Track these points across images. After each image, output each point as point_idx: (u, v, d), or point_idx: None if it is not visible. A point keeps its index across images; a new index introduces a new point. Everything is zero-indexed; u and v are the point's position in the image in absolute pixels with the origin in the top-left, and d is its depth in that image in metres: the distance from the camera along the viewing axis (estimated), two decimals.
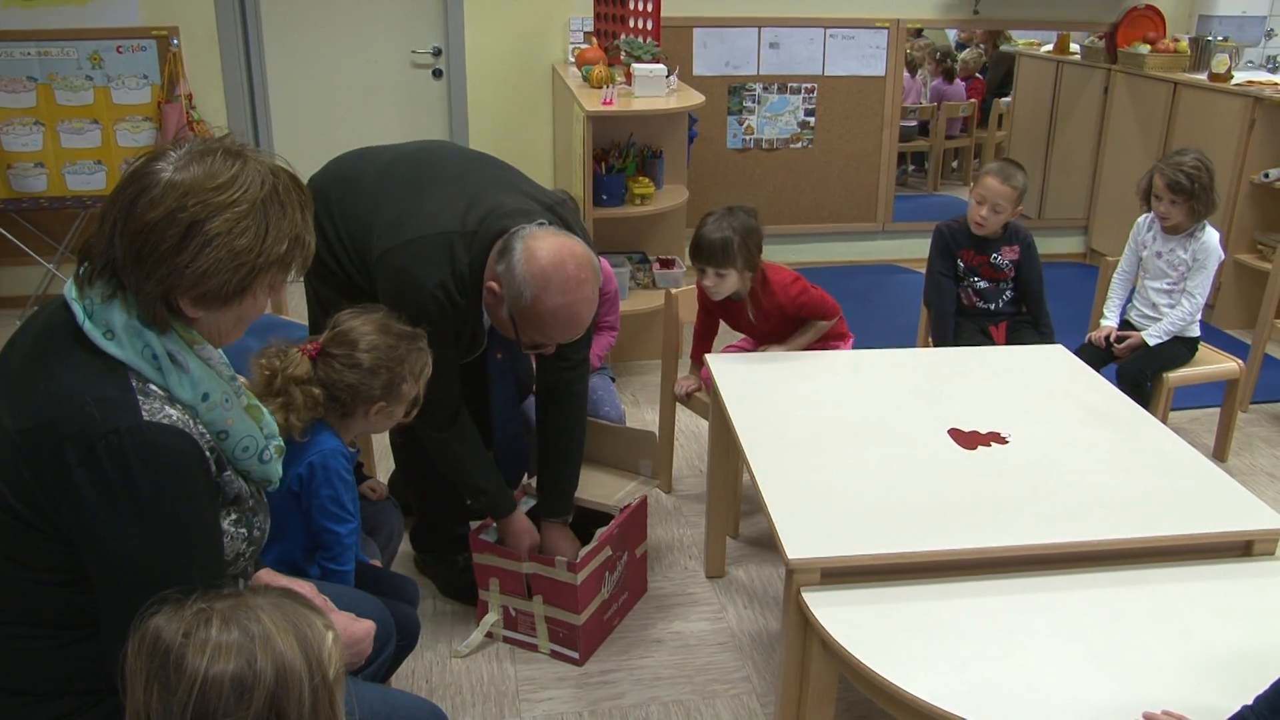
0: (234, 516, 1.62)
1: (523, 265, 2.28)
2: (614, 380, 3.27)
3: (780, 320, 3.16)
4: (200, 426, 1.52)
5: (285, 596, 1.28)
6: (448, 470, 2.62)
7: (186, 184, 1.43)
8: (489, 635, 2.74)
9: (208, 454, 1.52)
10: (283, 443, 1.77)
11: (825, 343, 3.20)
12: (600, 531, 2.65)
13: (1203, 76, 5.40)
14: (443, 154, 2.67)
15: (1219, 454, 3.88)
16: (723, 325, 3.31)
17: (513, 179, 2.61)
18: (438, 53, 5.27)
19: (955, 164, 8.18)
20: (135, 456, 1.41)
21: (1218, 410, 3.92)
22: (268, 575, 1.87)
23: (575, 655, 2.68)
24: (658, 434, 3.54)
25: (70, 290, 1.50)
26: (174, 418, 1.47)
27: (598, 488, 2.86)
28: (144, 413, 1.44)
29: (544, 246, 2.29)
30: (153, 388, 1.47)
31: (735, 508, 3.23)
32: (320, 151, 2.65)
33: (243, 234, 1.45)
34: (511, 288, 2.30)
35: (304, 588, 1.76)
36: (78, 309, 1.47)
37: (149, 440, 1.43)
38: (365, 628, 1.82)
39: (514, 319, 2.35)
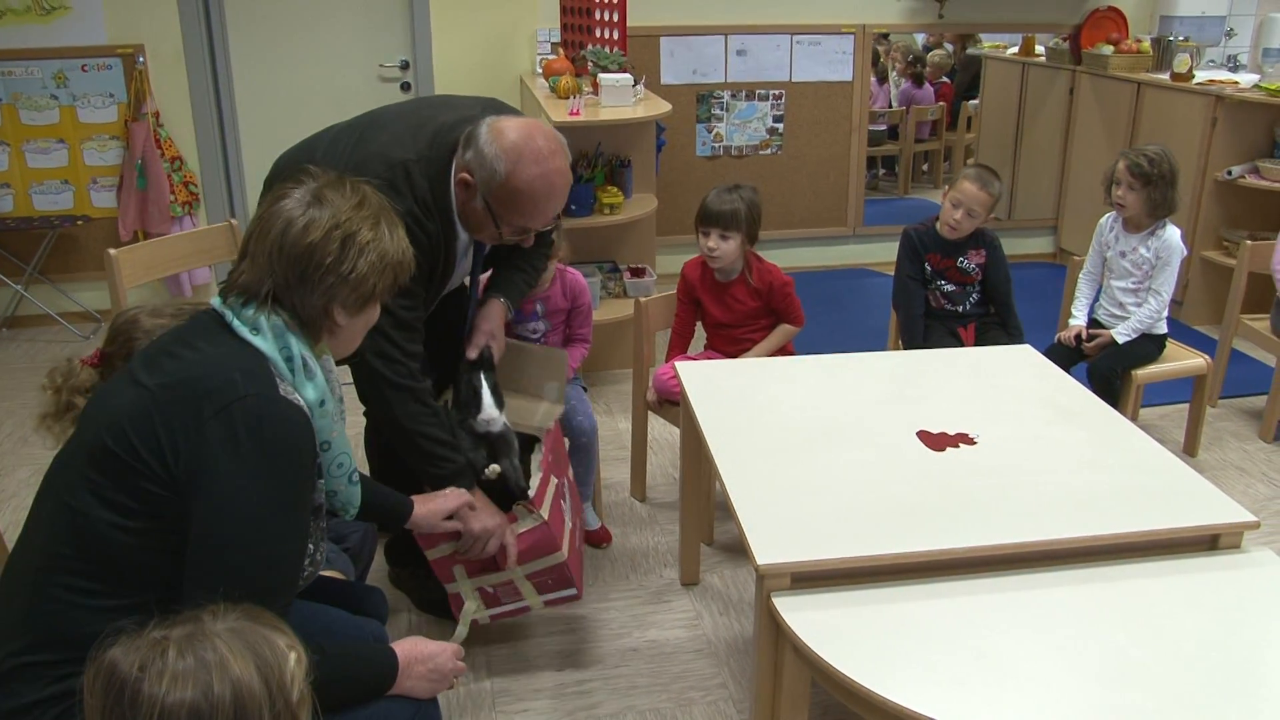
0: (312, 525, 1.73)
1: (492, 145, 2.29)
2: (585, 390, 3.27)
3: (763, 304, 3.31)
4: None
5: (247, 618, 1.28)
6: (403, 433, 2.42)
7: (332, 209, 1.67)
8: (475, 623, 2.62)
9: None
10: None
11: (774, 355, 3.29)
12: (539, 459, 2.60)
13: (1165, 76, 5.46)
14: (380, 110, 2.65)
15: (1189, 449, 3.91)
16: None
17: (449, 100, 2.63)
18: (405, 65, 5.26)
19: (925, 167, 8.23)
20: (266, 421, 1.55)
21: (1187, 406, 3.96)
22: None
23: (573, 591, 2.60)
24: (630, 442, 3.56)
25: (217, 302, 1.69)
26: (302, 402, 1.64)
27: (511, 413, 2.67)
28: (280, 389, 1.61)
29: (510, 125, 2.31)
30: (284, 380, 1.64)
31: (709, 514, 3.23)
32: None
33: (385, 240, 1.71)
34: (483, 169, 2.30)
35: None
36: (226, 311, 1.66)
37: (280, 412, 1.58)
38: (435, 647, 1.87)
39: (490, 206, 2.34)
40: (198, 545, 1.54)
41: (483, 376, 2.57)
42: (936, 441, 2.42)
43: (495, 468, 2.56)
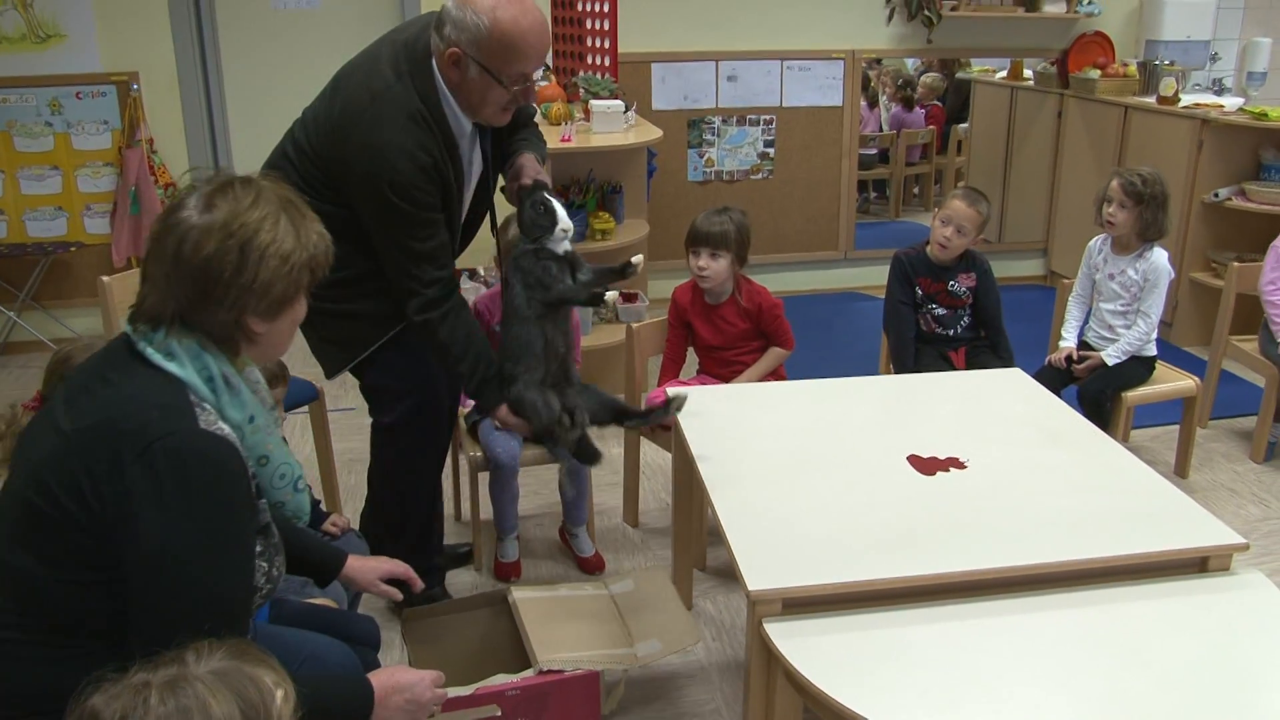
0: (259, 548, 1.68)
1: (466, 8, 2.36)
2: None
3: (753, 325, 3.33)
4: (244, 451, 1.61)
5: (232, 656, 1.27)
6: (444, 352, 2.58)
7: (223, 218, 1.57)
8: None
9: (251, 474, 1.62)
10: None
11: (764, 378, 3.30)
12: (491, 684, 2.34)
13: (1151, 100, 5.51)
14: (335, 74, 2.71)
15: (1180, 471, 3.93)
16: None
17: (387, 35, 2.65)
18: None
19: (916, 190, 8.28)
20: (189, 459, 1.50)
21: (1177, 427, 3.98)
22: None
23: None
24: (623, 467, 3.57)
25: (130, 329, 1.62)
26: (226, 431, 1.57)
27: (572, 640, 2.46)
28: (200, 421, 1.54)
29: None
30: (206, 406, 1.57)
31: (701, 540, 3.24)
32: None
33: (285, 238, 1.61)
34: (466, 31, 2.36)
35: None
36: (138, 340, 1.59)
37: (202, 447, 1.52)
38: (413, 677, 1.81)
39: (486, 66, 2.39)
40: (136, 594, 1.50)
41: (545, 193, 2.55)
42: (927, 466, 2.43)
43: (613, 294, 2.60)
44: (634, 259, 2.59)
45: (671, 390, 2.76)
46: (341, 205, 2.52)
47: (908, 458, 2.47)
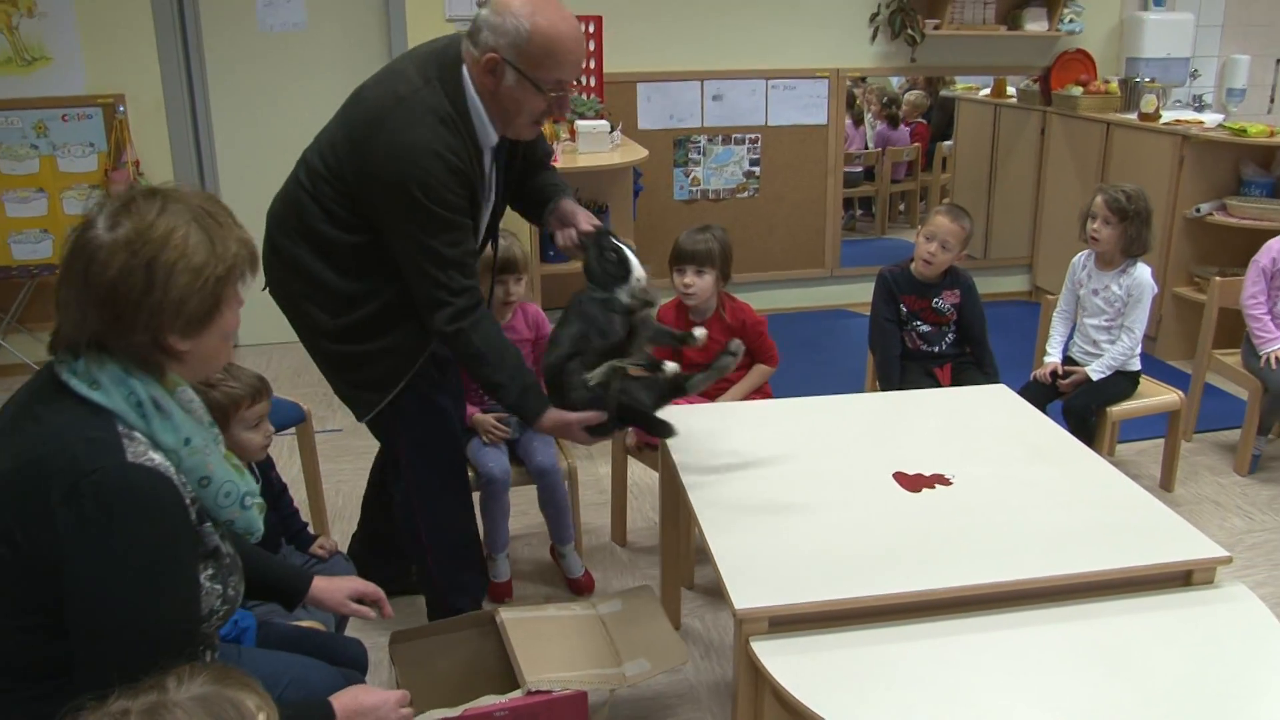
0: (210, 571, 1.64)
1: (505, 13, 2.32)
2: None
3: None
4: (182, 476, 1.56)
5: (214, 681, 1.27)
6: (472, 373, 2.54)
7: (128, 235, 1.50)
8: None
9: (189, 502, 1.57)
10: (263, 500, 1.78)
11: (750, 396, 3.30)
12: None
13: (1133, 116, 5.56)
14: (353, 94, 2.60)
15: (1165, 484, 3.95)
16: None
17: (408, 53, 2.57)
18: None
19: (902, 207, 8.32)
20: (117, 496, 1.45)
21: (1163, 441, 4.00)
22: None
23: None
24: (610, 487, 3.57)
25: (50, 357, 1.57)
26: (157, 461, 1.52)
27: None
28: (128, 454, 1.49)
29: None
30: (137, 434, 1.52)
31: (689, 558, 3.24)
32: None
33: (194, 252, 1.52)
34: (506, 35, 2.31)
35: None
36: (61, 368, 1.53)
37: (132, 481, 1.48)
38: (377, 698, 1.77)
39: (525, 72, 2.34)
40: (76, 634, 1.48)
41: (614, 239, 2.53)
42: (912, 483, 2.44)
43: (673, 366, 2.54)
44: (696, 331, 2.61)
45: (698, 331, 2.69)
46: (364, 231, 2.47)
47: (893, 474, 2.48)
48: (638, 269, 2.48)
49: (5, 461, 1.49)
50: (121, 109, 4.98)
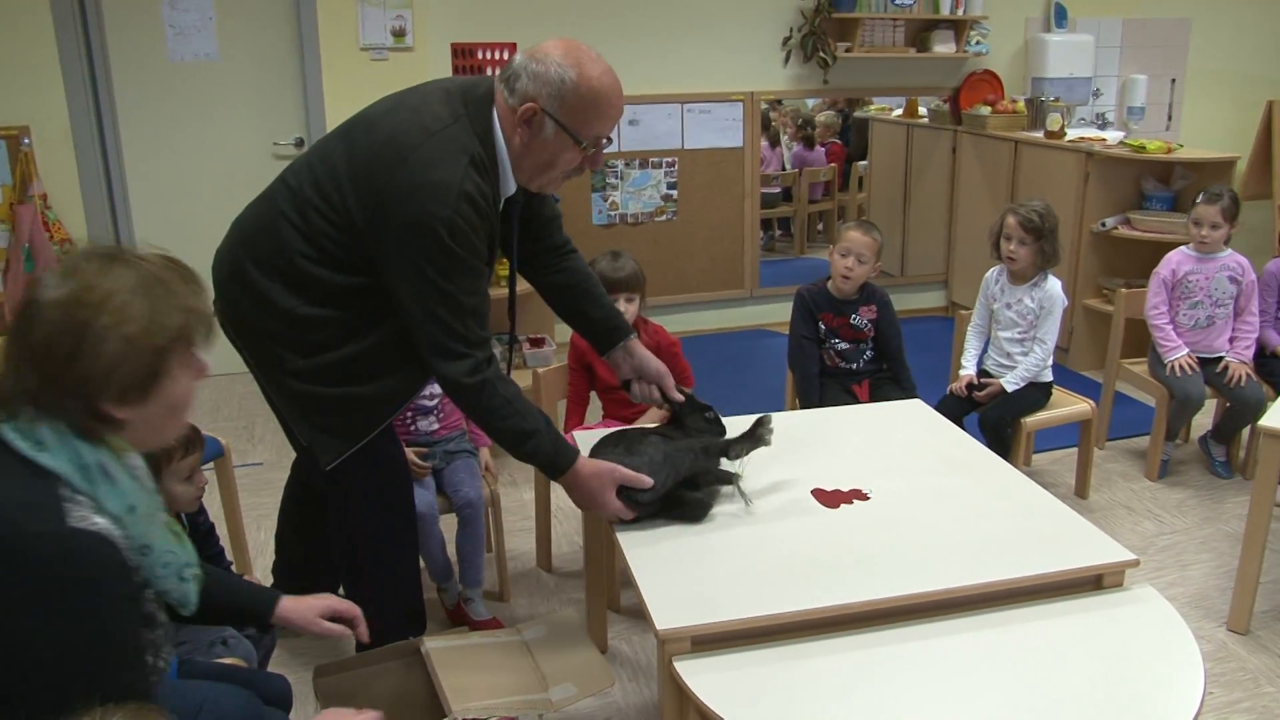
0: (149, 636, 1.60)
1: (547, 61, 2.22)
2: (474, 454, 3.27)
3: None
4: (126, 541, 1.52)
5: (131, 717, 1.24)
6: (496, 426, 2.33)
7: (65, 296, 1.47)
8: None
9: (131, 566, 1.53)
10: (200, 572, 1.74)
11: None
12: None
13: (1040, 135, 5.71)
14: (360, 115, 2.45)
15: (1080, 492, 4.04)
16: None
17: (419, 88, 2.43)
18: (300, 143, 5.26)
19: (820, 227, 8.44)
20: (59, 562, 1.41)
21: (1076, 450, 4.09)
22: None
23: None
24: (535, 512, 3.56)
25: None
26: (100, 525, 1.47)
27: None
28: (71, 519, 1.44)
29: (547, 44, 2.25)
30: (80, 497, 1.47)
31: (614, 582, 3.24)
32: (184, 246, 2.54)
33: (130, 320, 1.48)
34: (549, 85, 2.20)
35: None
36: (4, 426, 1.48)
37: (74, 546, 1.43)
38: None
39: (564, 124, 2.23)
40: (24, 704, 1.42)
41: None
42: (830, 499, 2.47)
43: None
44: (768, 426, 2.53)
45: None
46: (360, 273, 2.31)
47: (812, 491, 2.51)
48: (724, 427, 2.60)
49: None
50: (27, 141, 4.87)
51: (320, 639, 2.18)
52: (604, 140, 2.33)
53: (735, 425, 2.62)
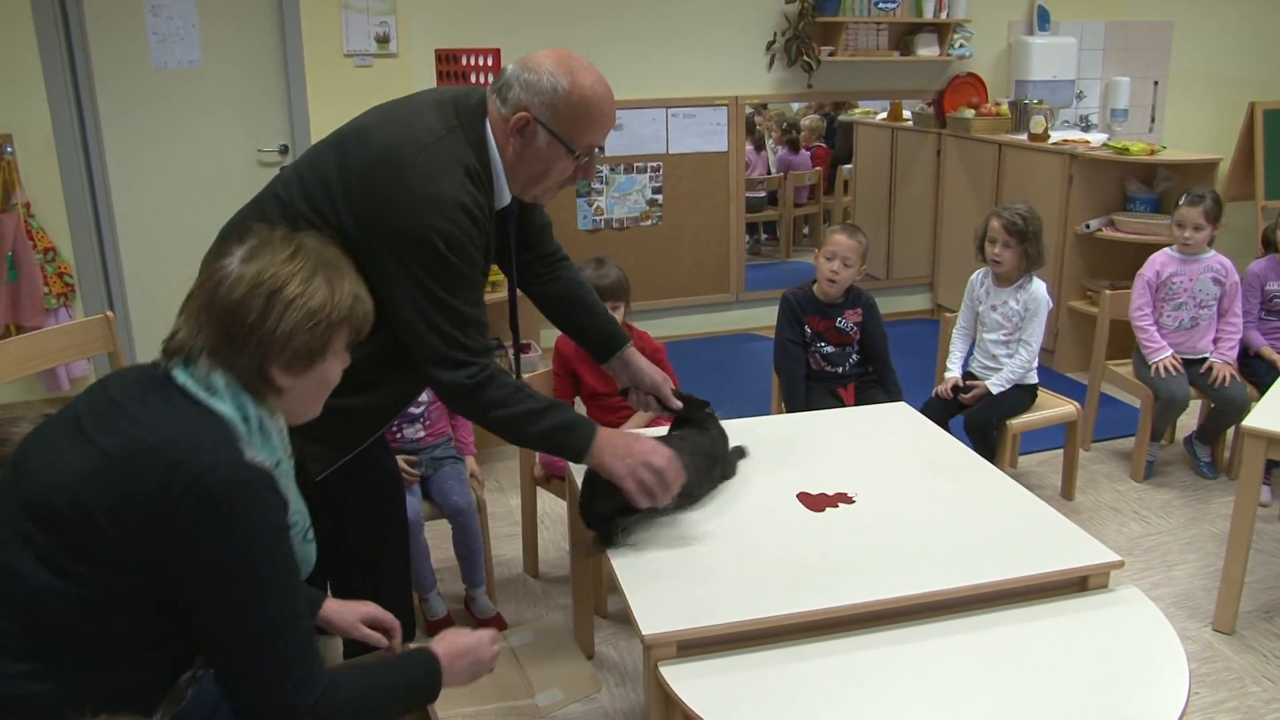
0: None
1: (540, 70, 2.21)
2: (461, 461, 3.27)
3: None
4: None
5: None
6: (510, 414, 2.29)
7: (259, 266, 1.64)
8: None
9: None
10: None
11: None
12: None
13: (1023, 137, 5.73)
14: (346, 128, 2.40)
15: (1065, 493, 4.05)
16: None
17: (434, 89, 2.45)
18: (284, 150, 5.25)
19: (805, 230, 8.45)
20: (237, 492, 1.53)
21: (1062, 452, 4.10)
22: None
23: None
24: (521, 519, 3.55)
25: (161, 360, 1.66)
26: (268, 466, 1.61)
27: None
28: (246, 454, 1.58)
29: (538, 54, 2.24)
30: (243, 444, 1.60)
31: (601, 587, 3.24)
32: (168, 253, 2.55)
33: (314, 294, 1.65)
34: (542, 94, 2.20)
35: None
36: (177, 373, 1.62)
37: (250, 479, 1.56)
38: (472, 639, 1.92)
39: (558, 133, 2.22)
40: (204, 626, 1.56)
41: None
42: (816, 502, 2.47)
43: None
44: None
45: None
46: None
47: (798, 495, 2.51)
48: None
49: (118, 439, 1.54)
50: (9, 149, 4.85)
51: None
52: (597, 149, 2.33)
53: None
